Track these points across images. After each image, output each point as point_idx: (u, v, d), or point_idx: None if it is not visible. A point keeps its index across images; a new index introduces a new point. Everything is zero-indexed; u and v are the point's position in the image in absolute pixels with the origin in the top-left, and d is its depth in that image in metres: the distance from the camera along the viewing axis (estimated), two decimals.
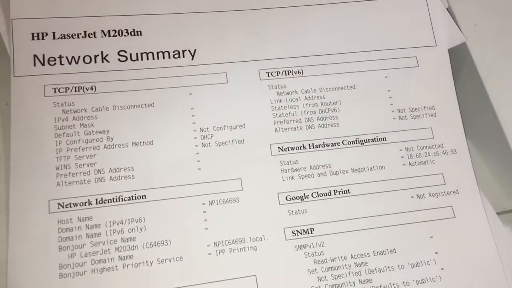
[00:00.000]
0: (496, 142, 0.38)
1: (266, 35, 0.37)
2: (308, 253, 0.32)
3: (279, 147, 0.35)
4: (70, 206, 0.31)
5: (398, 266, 0.33)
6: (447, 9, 0.40)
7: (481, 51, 0.39)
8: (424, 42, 0.38)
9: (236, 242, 0.32)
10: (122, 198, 0.32)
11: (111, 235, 0.31)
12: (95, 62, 0.34)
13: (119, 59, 0.35)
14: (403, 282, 0.32)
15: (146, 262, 0.31)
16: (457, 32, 0.39)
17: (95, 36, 0.35)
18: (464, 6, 0.41)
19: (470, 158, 0.36)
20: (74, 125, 0.33)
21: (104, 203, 0.32)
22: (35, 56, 0.34)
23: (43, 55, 0.34)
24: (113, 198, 0.32)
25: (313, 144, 0.35)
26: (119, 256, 0.31)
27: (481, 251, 0.34)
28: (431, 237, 0.34)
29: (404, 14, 0.38)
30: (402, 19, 0.38)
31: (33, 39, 0.34)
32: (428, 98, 0.37)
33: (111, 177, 0.32)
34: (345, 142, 0.35)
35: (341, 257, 0.33)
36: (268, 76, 0.36)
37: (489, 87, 0.38)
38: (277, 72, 0.36)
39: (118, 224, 0.31)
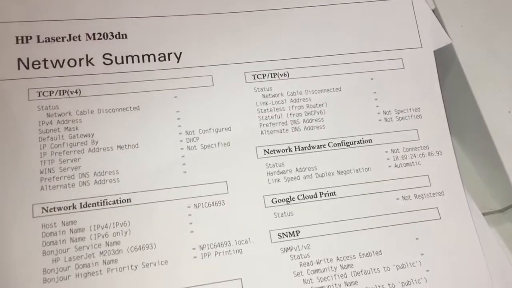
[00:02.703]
0: (482, 143, 0.38)
1: (252, 37, 0.36)
2: (294, 256, 0.32)
3: (264, 150, 0.35)
4: (54, 210, 0.31)
5: (384, 268, 0.33)
6: (433, 10, 0.40)
7: (467, 52, 0.39)
8: (409, 44, 0.38)
9: (222, 245, 0.32)
10: (106, 202, 0.32)
11: (95, 239, 0.31)
12: (80, 65, 0.34)
13: (104, 62, 0.34)
14: (389, 284, 0.32)
15: (131, 266, 0.31)
16: (443, 34, 0.39)
17: (80, 40, 0.35)
18: (450, 7, 0.41)
19: (455, 159, 0.36)
20: (58, 128, 0.33)
21: (89, 207, 0.31)
22: (19, 59, 0.33)
23: (28, 58, 0.33)
24: (97, 202, 0.32)
25: (299, 146, 0.35)
26: (103, 260, 0.30)
27: (466, 252, 0.34)
28: (417, 238, 0.34)
29: (389, 16, 0.38)
30: (387, 21, 0.38)
31: (17, 42, 0.34)
32: (414, 100, 0.37)
33: (95, 180, 0.32)
34: (331, 144, 0.35)
35: (327, 259, 0.33)
36: (254, 78, 0.36)
37: (475, 88, 0.38)
38: (263, 74, 0.36)
39: (102, 228, 0.31)
